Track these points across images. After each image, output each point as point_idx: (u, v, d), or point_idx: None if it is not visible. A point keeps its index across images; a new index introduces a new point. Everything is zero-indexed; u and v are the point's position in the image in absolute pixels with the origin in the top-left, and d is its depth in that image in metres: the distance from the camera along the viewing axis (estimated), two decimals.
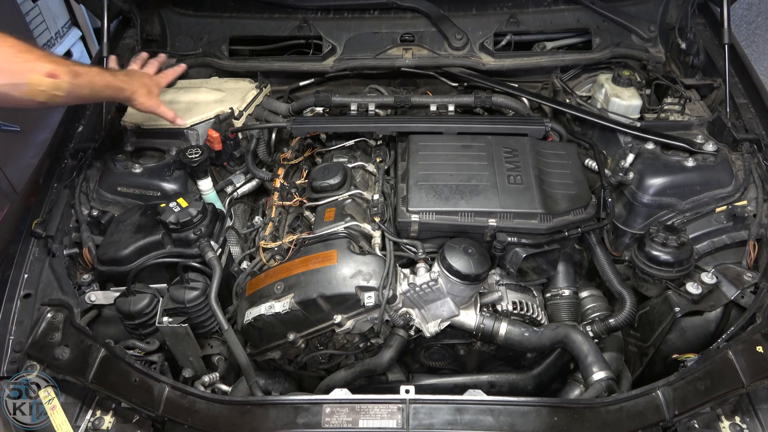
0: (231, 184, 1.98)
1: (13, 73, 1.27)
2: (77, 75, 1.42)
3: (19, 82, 1.28)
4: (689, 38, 2.17)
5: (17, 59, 1.27)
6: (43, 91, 1.33)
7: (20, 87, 1.29)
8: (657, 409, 1.29)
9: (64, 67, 1.38)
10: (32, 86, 1.30)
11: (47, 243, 1.67)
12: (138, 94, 1.65)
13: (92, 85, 1.48)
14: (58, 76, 1.35)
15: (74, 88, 1.40)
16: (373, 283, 1.47)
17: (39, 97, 1.34)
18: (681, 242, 1.59)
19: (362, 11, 2.27)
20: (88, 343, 1.41)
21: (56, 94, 1.36)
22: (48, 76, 1.33)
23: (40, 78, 1.31)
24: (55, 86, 1.35)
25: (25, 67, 1.29)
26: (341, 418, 1.27)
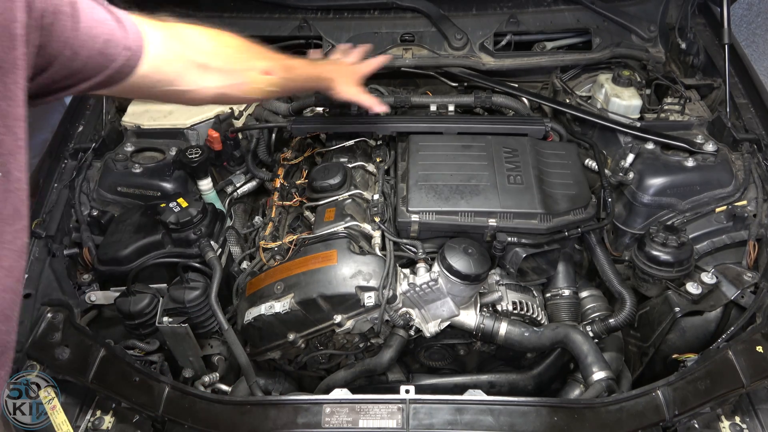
0: (231, 184, 1.98)
1: (233, 73, 1.27)
2: (289, 69, 1.44)
3: (238, 82, 1.29)
4: (689, 38, 2.17)
5: (236, 60, 1.28)
6: (260, 89, 1.34)
7: (239, 87, 1.30)
8: (657, 409, 1.29)
9: (277, 63, 1.39)
10: (250, 85, 1.32)
11: (47, 243, 1.67)
12: (339, 82, 1.63)
13: (301, 78, 1.51)
14: (272, 73, 1.36)
15: (286, 82, 1.42)
16: (373, 283, 1.47)
17: (256, 95, 1.36)
18: (681, 242, 1.59)
19: (362, 11, 2.27)
20: (88, 343, 1.41)
21: (271, 90, 1.38)
22: (264, 74, 1.34)
23: (258, 76, 1.32)
24: (270, 83, 1.36)
25: (244, 66, 1.30)
26: (341, 418, 1.27)
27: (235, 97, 1.33)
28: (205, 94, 1.23)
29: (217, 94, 1.26)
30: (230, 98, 1.33)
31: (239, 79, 1.29)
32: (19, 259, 0.82)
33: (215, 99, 1.28)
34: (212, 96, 1.25)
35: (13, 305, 0.84)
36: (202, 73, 1.20)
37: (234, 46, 1.30)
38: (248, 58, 1.32)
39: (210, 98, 1.26)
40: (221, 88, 1.25)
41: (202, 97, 1.24)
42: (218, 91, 1.25)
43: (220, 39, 1.27)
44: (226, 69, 1.26)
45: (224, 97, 1.29)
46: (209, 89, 1.23)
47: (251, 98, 1.39)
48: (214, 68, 1.22)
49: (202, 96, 1.23)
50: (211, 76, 1.22)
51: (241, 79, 1.30)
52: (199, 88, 1.21)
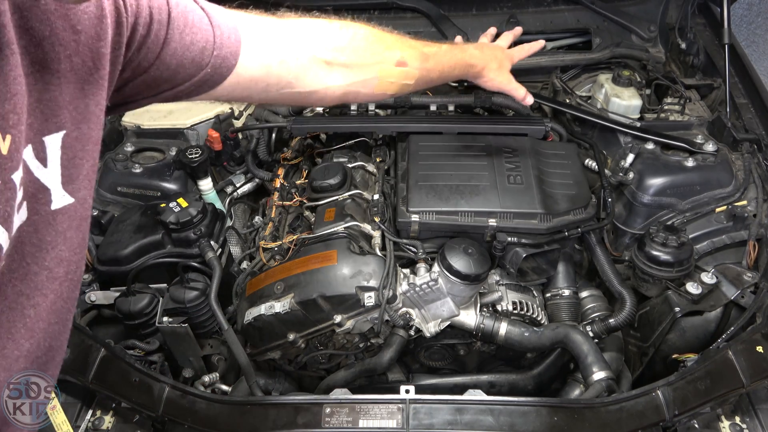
0: (231, 184, 1.98)
1: (363, 68, 1.15)
2: (427, 58, 1.27)
3: (368, 77, 1.16)
4: (689, 38, 2.17)
5: (366, 53, 1.15)
6: (393, 83, 1.21)
7: (369, 82, 1.17)
8: (657, 409, 1.29)
9: (413, 51, 1.24)
10: (382, 80, 1.19)
11: None
12: (488, 69, 1.49)
13: (441, 67, 1.33)
14: (407, 64, 1.21)
15: (424, 72, 1.27)
16: (373, 283, 1.47)
17: (389, 90, 1.23)
18: (681, 242, 1.59)
19: (362, 11, 2.27)
20: (88, 343, 1.41)
21: (406, 83, 1.24)
22: (397, 65, 1.20)
23: (390, 69, 1.19)
24: (405, 75, 1.22)
25: (374, 60, 1.16)
26: (341, 418, 1.27)
27: (365, 94, 1.20)
28: (332, 94, 1.13)
29: (345, 92, 1.15)
30: (360, 95, 1.20)
31: (369, 74, 1.16)
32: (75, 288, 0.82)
33: (343, 98, 1.18)
34: (339, 95, 1.15)
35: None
36: (326, 70, 1.09)
37: (364, 38, 1.16)
38: (380, 49, 1.18)
39: (337, 98, 1.16)
40: (349, 86, 1.14)
41: (329, 97, 1.14)
42: (346, 89, 1.14)
43: (348, 31, 1.14)
44: (354, 64, 1.13)
45: (353, 95, 1.18)
46: (335, 88, 1.12)
47: (385, 94, 1.24)
48: (339, 64, 1.11)
49: (328, 96, 1.14)
50: (337, 73, 1.11)
51: (371, 74, 1.17)
52: (323, 88, 1.10)
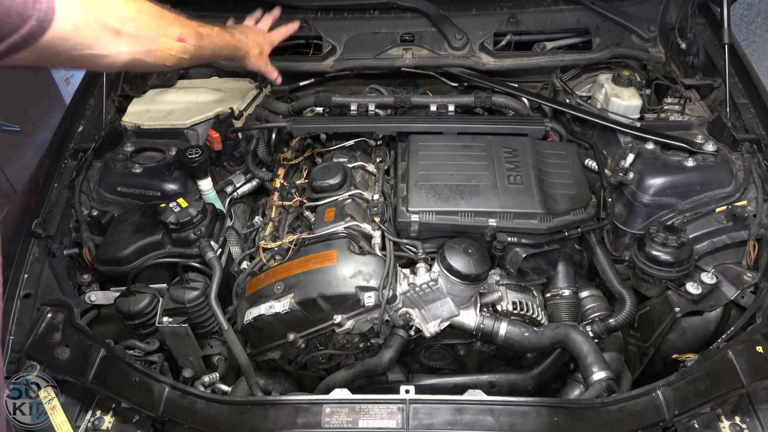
0: (231, 184, 1.98)
1: (147, 40, 1.27)
2: (201, 37, 1.44)
3: (152, 48, 1.29)
4: (689, 38, 2.17)
5: (151, 25, 1.28)
6: (172, 55, 1.35)
7: (153, 53, 1.30)
8: (657, 409, 1.29)
9: (190, 29, 1.40)
10: (163, 51, 1.32)
11: (47, 243, 1.67)
12: (251, 53, 1.70)
13: (213, 46, 1.52)
14: (185, 40, 1.37)
15: (198, 50, 1.43)
16: (373, 283, 1.47)
17: (168, 62, 1.36)
18: (681, 242, 1.59)
19: (362, 11, 2.27)
20: (88, 343, 1.41)
21: (183, 57, 1.39)
22: (177, 40, 1.35)
23: (171, 43, 1.33)
24: (183, 50, 1.37)
25: (158, 33, 1.30)
26: (341, 418, 1.27)
27: (148, 63, 1.32)
28: (119, 60, 1.23)
29: (131, 59, 1.25)
30: (144, 65, 1.32)
31: (153, 45, 1.29)
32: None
33: (129, 65, 1.28)
34: (126, 62, 1.25)
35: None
36: (115, 38, 1.19)
37: (148, 12, 1.29)
38: (162, 24, 1.32)
39: (123, 64, 1.26)
40: (135, 54, 1.25)
41: (116, 62, 1.23)
42: (132, 56, 1.25)
43: (134, 4, 1.25)
44: (140, 35, 1.25)
45: (138, 63, 1.29)
46: (123, 54, 1.22)
47: (164, 65, 1.38)
48: (127, 33, 1.22)
49: (117, 62, 1.23)
50: (125, 41, 1.22)
51: (155, 45, 1.30)
52: (113, 53, 1.20)
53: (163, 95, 2.11)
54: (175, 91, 2.14)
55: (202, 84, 2.19)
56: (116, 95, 2.15)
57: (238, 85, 2.18)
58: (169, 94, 2.12)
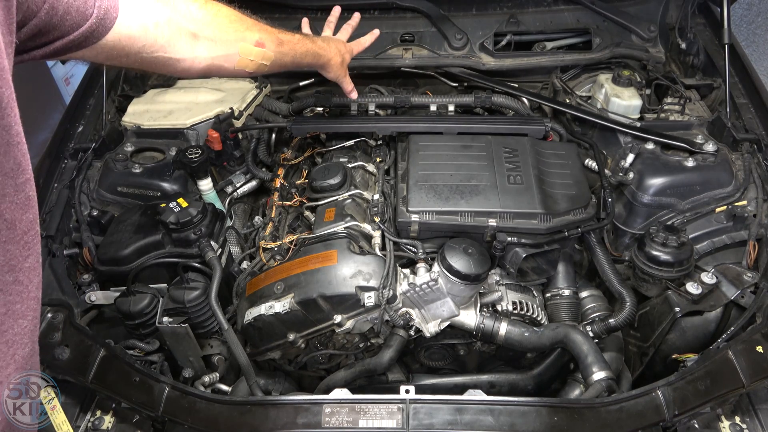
0: (231, 184, 1.98)
1: (226, 44, 1.25)
2: (281, 43, 1.41)
3: (231, 52, 1.27)
4: (689, 38, 2.17)
5: (229, 29, 1.26)
6: (252, 61, 1.33)
7: (231, 58, 1.28)
8: (657, 409, 1.29)
9: (270, 35, 1.37)
10: (242, 57, 1.30)
11: (47, 243, 1.67)
12: (333, 62, 1.65)
13: (294, 53, 1.47)
14: (264, 45, 1.34)
15: (279, 56, 1.41)
16: (373, 283, 1.47)
17: (248, 68, 1.35)
18: (681, 242, 1.59)
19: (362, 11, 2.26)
20: (88, 343, 1.41)
21: (263, 63, 1.37)
22: (256, 45, 1.32)
23: (250, 48, 1.31)
24: (263, 56, 1.35)
25: (236, 37, 1.28)
26: (341, 418, 1.27)
27: (227, 69, 1.30)
28: (198, 65, 1.21)
29: (209, 65, 1.24)
30: (222, 70, 1.30)
31: (231, 49, 1.27)
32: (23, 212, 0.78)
33: (207, 70, 1.26)
34: (204, 67, 1.23)
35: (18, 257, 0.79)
36: (193, 41, 1.17)
37: (226, 16, 1.26)
38: (241, 28, 1.29)
39: (202, 70, 1.24)
40: (214, 59, 1.24)
41: (195, 67, 1.21)
42: (211, 62, 1.23)
43: (211, 7, 1.23)
44: (219, 38, 1.23)
45: (216, 68, 1.27)
46: (201, 59, 1.21)
47: (244, 72, 1.36)
48: (205, 37, 1.20)
49: (193, 66, 1.21)
50: (202, 46, 1.19)
51: (233, 50, 1.28)
52: (190, 58, 1.18)
53: (163, 95, 2.11)
54: (175, 91, 2.14)
55: (202, 84, 2.19)
56: (116, 95, 2.15)
57: (238, 85, 2.18)
58: (169, 94, 2.12)
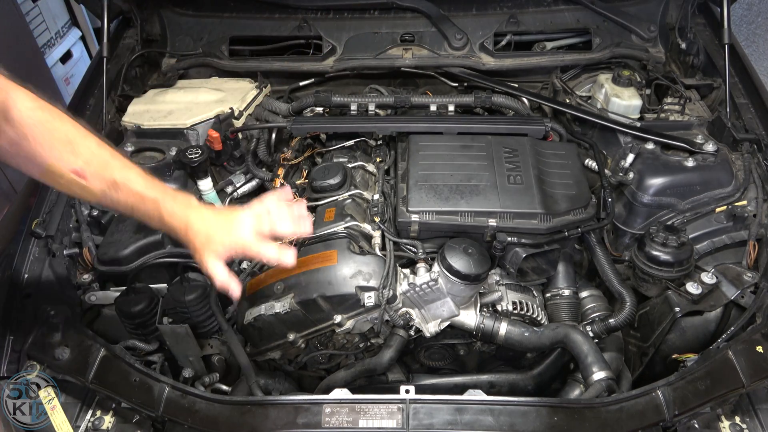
0: (231, 184, 1.97)
1: (34, 154, 1.12)
2: (116, 187, 1.20)
3: (37, 162, 1.14)
4: (689, 38, 2.17)
5: (45, 141, 1.13)
6: (62, 183, 1.18)
7: (37, 166, 1.15)
8: (657, 409, 1.29)
9: (100, 171, 1.18)
10: (49, 172, 1.15)
11: (47, 243, 1.66)
12: (192, 248, 1.27)
13: (133, 208, 1.24)
14: (86, 178, 1.17)
15: (106, 198, 1.21)
16: (373, 283, 1.47)
17: (59, 187, 1.22)
18: (681, 242, 1.59)
19: (362, 11, 2.27)
20: (88, 343, 1.41)
21: (82, 195, 1.21)
22: (73, 173, 1.16)
23: (61, 170, 1.15)
24: (80, 187, 1.18)
25: (50, 154, 1.14)
26: (341, 418, 1.27)
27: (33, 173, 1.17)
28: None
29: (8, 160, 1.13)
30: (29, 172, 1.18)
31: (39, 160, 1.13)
32: None
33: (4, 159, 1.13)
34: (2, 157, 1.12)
35: None
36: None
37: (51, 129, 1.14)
38: (60, 147, 1.14)
39: None
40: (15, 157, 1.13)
41: None
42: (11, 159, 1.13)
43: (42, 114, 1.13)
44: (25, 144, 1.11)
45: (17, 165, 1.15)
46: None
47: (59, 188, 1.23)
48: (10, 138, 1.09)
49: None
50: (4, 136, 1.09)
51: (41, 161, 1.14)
52: None
53: (163, 95, 2.11)
54: (175, 91, 2.14)
55: (202, 84, 2.19)
56: (116, 95, 2.15)
57: (238, 85, 2.18)
58: (169, 94, 2.12)
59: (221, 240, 1.25)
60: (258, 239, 1.27)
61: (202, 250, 1.25)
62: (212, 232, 1.26)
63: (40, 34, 3.39)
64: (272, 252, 1.26)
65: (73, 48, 3.73)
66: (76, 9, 3.72)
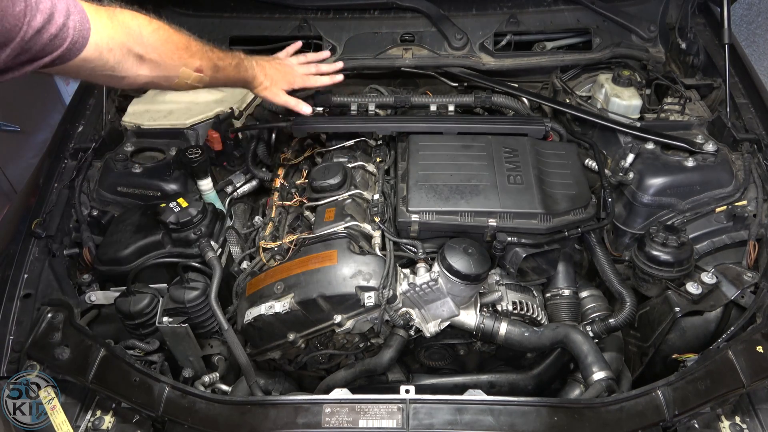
0: (231, 184, 1.98)
1: (168, 68, 1.39)
2: (218, 69, 1.55)
3: (171, 75, 1.42)
4: (689, 38, 2.17)
5: (174, 55, 1.40)
6: (188, 83, 1.48)
7: (170, 79, 1.43)
8: (657, 409, 1.29)
9: (209, 62, 1.51)
10: (181, 79, 1.45)
11: (47, 243, 1.67)
12: (260, 87, 1.76)
13: (227, 78, 1.62)
14: (203, 72, 1.49)
15: (213, 80, 1.56)
16: (373, 283, 1.47)
17: (182, 88, 1.50)
18: (681, 242, 1.59)
19: (362, 11, 2.27)
20: (88, 343, 1.41)
21: (196, 85, 1.52)
22: (195, 71, 1.47)
23: (189, 73, 1.46)
24: (199, 79, 1.50)
25: (179, 63, 1.42)
26: (341, 418, 1.27)
27: (164, 86, 1.46)
28: (138, 81, 1.35)
29: (148, 82, 1.39)
30: (159, 86, 1.48)
31: (171, 72, 1.42)
32: None
33: (145, 85, 1.43)
34: (143, 83, 1.39)
35: None
36: (138, 62, 1.31)
37: (175, 42, 1.40)
38: (185, 55, 1.43)
39: (141, 84, 1.39)
40: (153, 78, 1.38)
41: (135, 83, 1.36)
42: (150, 80, 1.37)
43: (163, 33, 1.37)
44: (162, 62, 1.37)
45: (153, 84, 1.45)
46: (142, 77, 1.34)
47: (177, 89, 1.51)
48: (150, 59, 1.33)
49: (135, 83, 1.35)
50: (146, 67, 1.33)
51: (174, 73, 1.42)
52: (133, 76, 1.32)
53: (163, 95, 2.11)
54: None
55: None
56: (116, 95, 2.15)
57: None
58: (169, 94, 2.11)
59: (284, 79, 1.81)
60: (309, 74, 1.88)
61: (272, 89, 1.77)
62: (275, 76, 1.79)
63: None
64: (325, 80, 1.90)
65: None
66: None
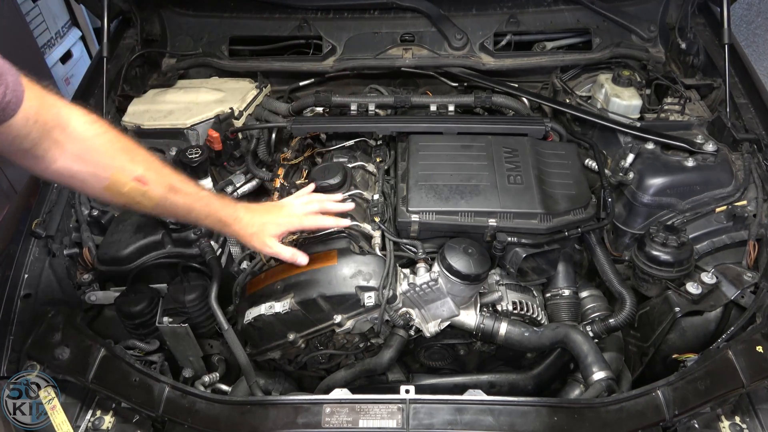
0: (231, 184, 1.97)
1: (95, 164, 1.15)
2: (175, 191, 1.27)
3: (100, 173, 1.16)
4: (689, 38, 2.17)
5: (107, 154, 1.17)
6: (123, 192, 1.20)
7: (100, 179, 1.17)
8: (657, 409, 1.29)
9: (158, 177, 1.24)
10: (113, 183, 1.18)
11: (47, 243, 1.67)
12: (248, 235, 1.42)
13: (190, 208, 1.32)
14: (146, 184, 1.21)
15: (166, 202, 1.26)
16: (373, 283, 1.47)
17: (119, 199, 1.22)
18: (681, 242, 1.59)
19: (362, 11, 2.27)
20: (88, 343, 1.41)
21: (142, 200, 1.23)
22: (135, 179, 1.20)
23: (124, 179, 1.19)
24: (141, 193, 1.22)
25: (113, 164, 1.17)
26: (341, 418, 1.27)
27: (96, 187, 1.19)
28: (58, 169, 1.12)
29: (72, 175, 1.15)
30: (87, 187, 1.20)
31: (101, 171, 1.17)
32: None
33: (70, 179, 1.16)
34: (66, 174, 1.14)
35: None
36: (60, 150, 1.10)
37: (108, 140, 1.17)
38: (122, 158, 1.19)
39: (63, 176, 1.14)
40: (76, 173, 1.14)
41: (57, 172, 1.13)
42: (72, 173, 1.14)
43: (95, 127, 1.16)
44: (88, 157, 1.14)
45: (79, 180, 1.16)
46: (62, 166, 1.12)
47: (114, 198, 1.22)
48: (73, 150, 1.12)
49: (55, 170, 1.12)
50: (69, 158, 1.12)
51: (103, 173, 1.17)
52: (51, 162, 1.11)
53: (163, 95, 2.11)
54: (175, 91, 2.14)
55: (202, 84, 2.19)
56: (116, 95, 2.15)
57: (238, 85, 2.18)
58: (169, 94, 2.12)
59: (275, 221, 1.45)
60: (310, 214, 1.49)
61: (259, 235, 1.43)
62: (264, 218, 1.44)
63: (40, 34, 3.39)
64: (329, 221, 1.51)
65: (73, 48, 3.73)
66: (76, 9, 3.72)
